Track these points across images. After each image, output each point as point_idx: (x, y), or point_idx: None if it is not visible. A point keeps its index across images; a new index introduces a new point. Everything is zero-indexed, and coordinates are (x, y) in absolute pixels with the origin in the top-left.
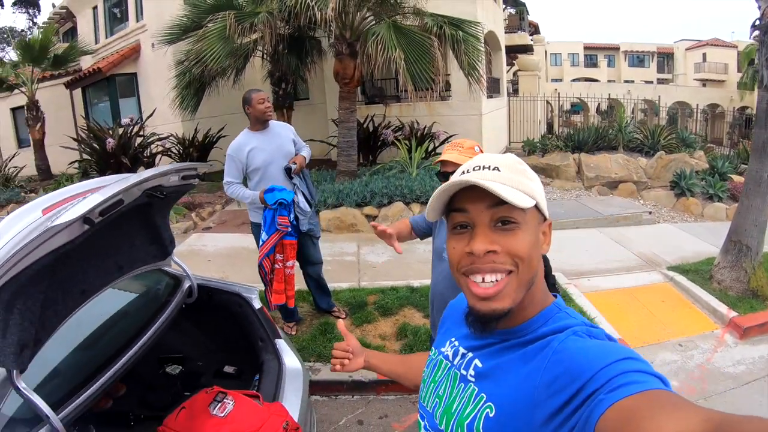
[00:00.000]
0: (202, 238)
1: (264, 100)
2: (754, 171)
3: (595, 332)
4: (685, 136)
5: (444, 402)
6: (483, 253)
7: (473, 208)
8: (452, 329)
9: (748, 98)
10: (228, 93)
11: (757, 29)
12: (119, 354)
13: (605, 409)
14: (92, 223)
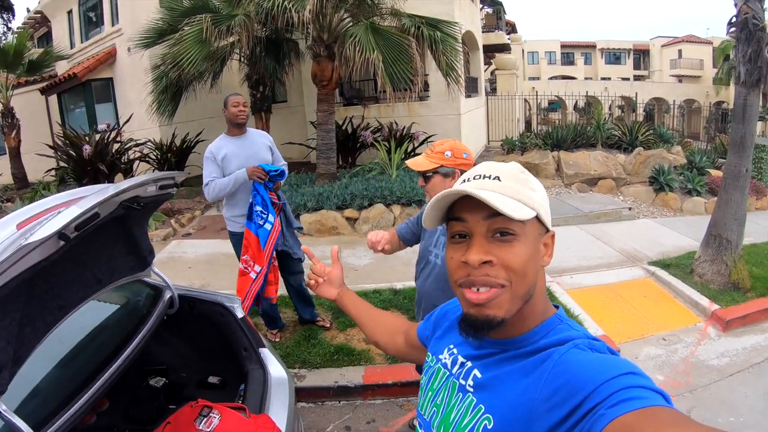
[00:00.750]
0: (182, 245)
1: (238, 103)
2: (733, 165)
3: (596, 345)
4: (663, 131)
5: (442, 411)
6: (477, 263)
7: (471, 218)
8: (450, 335)
9: (723, 93)
10: (205, 97)
11: (733, 26)
12: (102, 369)
13: (606, 424)
14: (68, 238)
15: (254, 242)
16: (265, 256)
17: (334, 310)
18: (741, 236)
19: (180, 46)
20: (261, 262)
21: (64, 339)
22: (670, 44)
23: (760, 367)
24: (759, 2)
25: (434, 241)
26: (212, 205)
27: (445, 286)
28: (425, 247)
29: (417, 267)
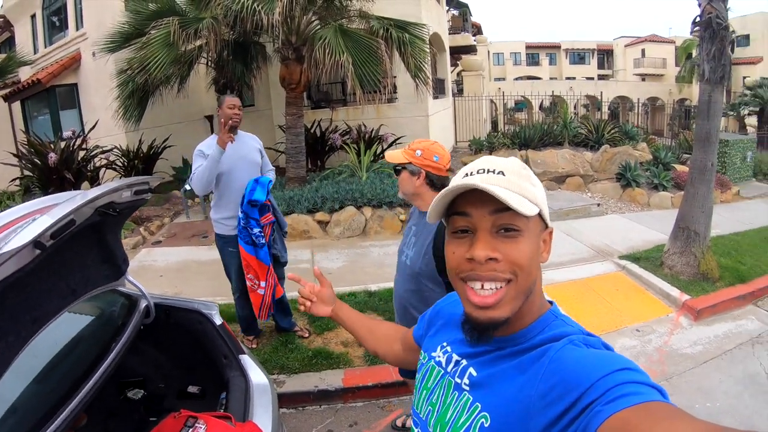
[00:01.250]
0: (152, 253)
1: (234, 106)
2: (699, 160)
3: (591, 341)
4: (628, 129)
5: (438, 410)
6: (484, 259)
7: (476, 213)
8: (443, 333)
9: (686, 91)
10: (172, 102)
11: (698, 25)
12: (80, 384)
13: (603, 420)
14: (44, 247)
15: (254, 262)
16: (268, 272)
17: (310, 315)
18: (708, 228)
19: (147, 49)
20: (264, 278)
21: (39, 353)
22: (634, 44)
23: (733, 354)
24: (722, 2)
25: (406, 241)
26: (181, 212)
27: (414, 287)
28: (401, 246)
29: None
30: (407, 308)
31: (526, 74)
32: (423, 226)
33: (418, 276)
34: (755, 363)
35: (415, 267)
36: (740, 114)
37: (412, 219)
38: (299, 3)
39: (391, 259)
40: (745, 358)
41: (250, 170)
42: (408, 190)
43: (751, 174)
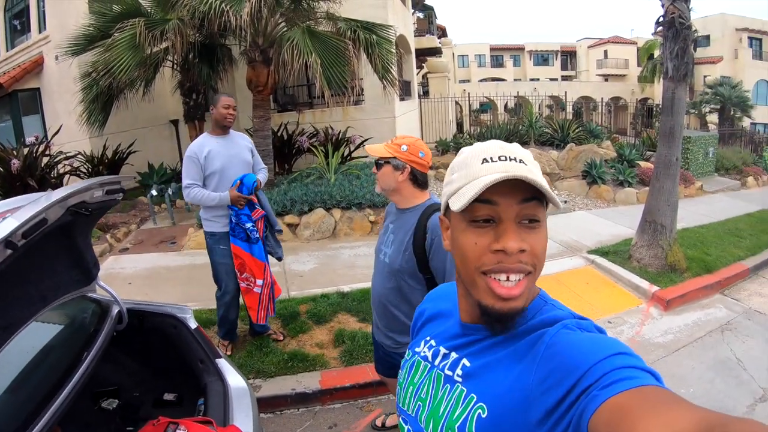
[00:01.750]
0: (120, 261)
1: (230, 106)
2: (663, 155)
3: (584, 324)
4: (593, 128)
5: (429, 405)
6: (517, 251)
7: (503, 202)
8: (426, 328)
9: (648, 90)
10: (137, 106)
11: (661, 25)
12: (52, 396)
13: (598, 405)
14: (15, 247)
15: (249, 259)
16: (265, 269)
17: (284, 318)
18: (674, 221)
19: (112, 52)
20: (260, 275)
21: (8, 364)
22: (597, 45)
23: (703, 341)
24: (685, 2)
25: (384, 240)
26: (148, 218)
27: (394, 284)
28: (378, 245)
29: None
30: (387, 306)
31: (491, 76)
32: (401, 223)
33: (398, 273)
34: (725, 349)
35: (395, 264)
36: (702, 112)
37: (389, 217)
38: (267, 3)
39: (362, 260)
40: (716, 344)
41: (242, 169)
42: (389, 185)
43: (713, 169)
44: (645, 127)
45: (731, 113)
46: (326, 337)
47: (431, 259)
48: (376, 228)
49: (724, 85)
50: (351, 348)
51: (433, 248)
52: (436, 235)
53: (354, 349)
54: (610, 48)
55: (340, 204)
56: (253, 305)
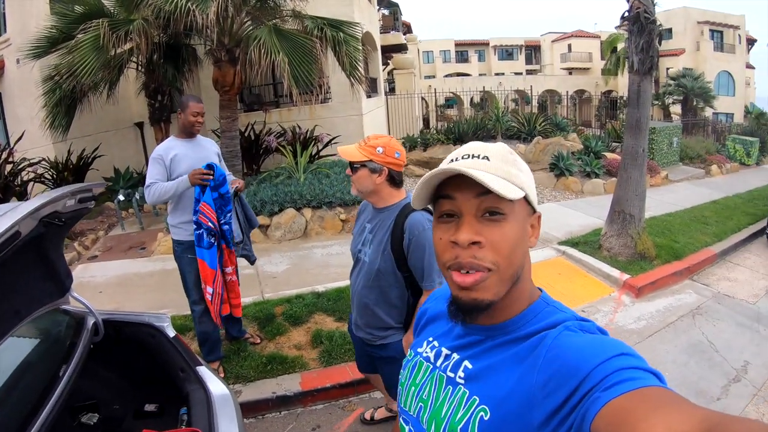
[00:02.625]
0: (89, 269)
1: (198, 113)
2: (630, 147)
3: (586, 326)
4: (558, 121)
5: (430, 406)
6: (467, 243)
7: (460, 196)
8: (428, 329)
9: (612, 83)
10: (101, 109)
11: (626, 20)
12: (33, 415)
13: (600, 407)
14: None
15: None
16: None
17: (260, 320)
18: (643, 210)
19: (75, 54)
20: (210, 283)
21: None
22: (560, 39)
23: (675, 326)
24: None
25: (362, 239)
26: (116, 224)
27: (374, 283)
28: (355, 245)
29: (352, 268)
30: (367, 305)
31: (456, 71)
32: (379, 222)
33: (379, 273)
34: (697, 332)
35: (375, 264)
36: (665, 103)
37: (364, 216)
38: (233, 2)
39: (335, 259)
40: (688, 328)
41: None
42: (366, 188)
43: (678, 159)
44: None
45: (694, 104)
46: (304, 338)
47: (409, 258)
48: (347, 226)
49: (686, 77)
50: (329, 348)
51: (411, 247)
52: (413, 234)
53: (332, 349)
54: (573, 42)
55: (311, 203)
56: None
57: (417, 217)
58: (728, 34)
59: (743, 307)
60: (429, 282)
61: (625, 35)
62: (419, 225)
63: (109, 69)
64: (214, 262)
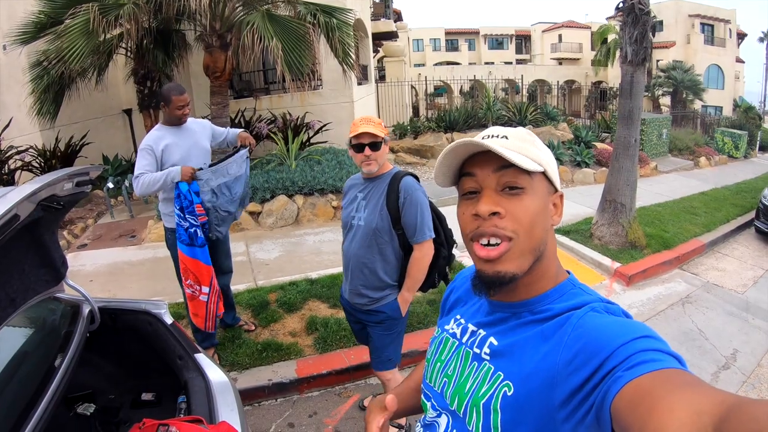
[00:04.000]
0: (79, 257)
1: (184, 105)
2: (622, 137)
3: (612, 308)
4: (549, 110)
5: (455, 381)
6: (487, 214)
7: (480, 172)
8: (456, 307)
9: (602, 74)
10: (89, 96)
11: (620, 11)
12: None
13: (622, 386)
14: None
15: (192, 264)
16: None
17: (254, 307)
18: (634, 200)
19: (64, 39)
20: (206, 282)
21: None
22: (551, 29)
23: (666, 314)
24: None
25: (356, 206)
26: (105, 212)
27: (370, 243)
28: (347, 214)
29: (343, 235)
30: (364, 264)
31: (446, 60)
32: (372, 189)
33: (375, 231)
34: (687, 321)
35: (372, 224)
36: (655, 95)
37: (354, 189)
38: None
39: (327, 246)
40: (679, 317)
41: (202, 158)
42: (384, 159)
43: (667, 150)
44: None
45: (683, 96)
46: (298, 325)
47: (403, 215)
48: (339, 213)
49: (677, 69)
50: (324, 335)
51: (405, 204)
52: (407, 194)
53: (327, 335)
54: (564, 32)
55: (303, 190)
56: (200, 312)
57: (409, 180)
58: (719, 27)
59: (732, 296)
60: (420, 235)
61: (615, 27)
62: (412, 186)
63: (98, 54)
64: (209, 259)
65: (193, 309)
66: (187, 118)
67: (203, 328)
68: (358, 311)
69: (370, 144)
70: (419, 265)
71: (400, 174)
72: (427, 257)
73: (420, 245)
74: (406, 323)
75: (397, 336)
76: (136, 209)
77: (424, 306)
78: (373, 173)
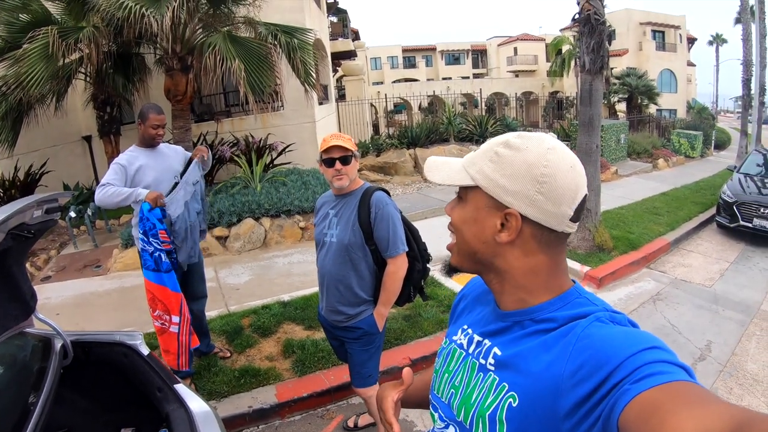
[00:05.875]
0: (44, 290)
1: (159, 126)
2: (584, 143)
3: (618, 318)
4: (509, 122)
5: (461, 392)
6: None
7: None
8: (464, 316)
9: (558, 84)
10: (48, 123)
11: (577, 22)
12: None
13: (630, 399)
14: None
15: (160, 291)
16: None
17: (228, 333)
18: (599, 204)
19: (23, 63)
20: (176, 311)
21: None
22: (506, 43)
23: (638, 312)
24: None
25: (328, 223)
26: (68, 242)
27: (344, 258)
28: (320, 231)
29: (317, 252)
30: (340, 280)
31: (404, 77)
32: (344, 205)
33: (347, 247)
34: (660, 317)
35: (344, 240)
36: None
37: (325, 206)
38: (186, 7)
39: (297, 268)
40: (651, 314)
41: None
42: (354, 174)
43: (626, 154)
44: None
45: (639, 101)
46: (275, 348)
47: (375, 230)
48: (307, 234)
49: (631, 76)
50: (302, 357)
51: (376, 219)
52: (378, 208)
53: (305, 358)
54: (519, 45)
55: (269, 212)
56: (171, 348)
57: (380, 195)
58: (669, 33)
59: (700, 290)
60: (393, 249)
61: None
62: (383, 201)
63: (57, 79)
64: (176, 285)
65: (163, 345)
66: (160, 140)
67: (176, 367)
68: (336, 328)
69: (341, 158)
70: (393, 279)
71: (371, 189)
72: (401, 271)
73: (393, 259)
74: (383, 338)
75: (376, 351)
76: (99, 238)
77: (401, 322)
78: (345, 188)
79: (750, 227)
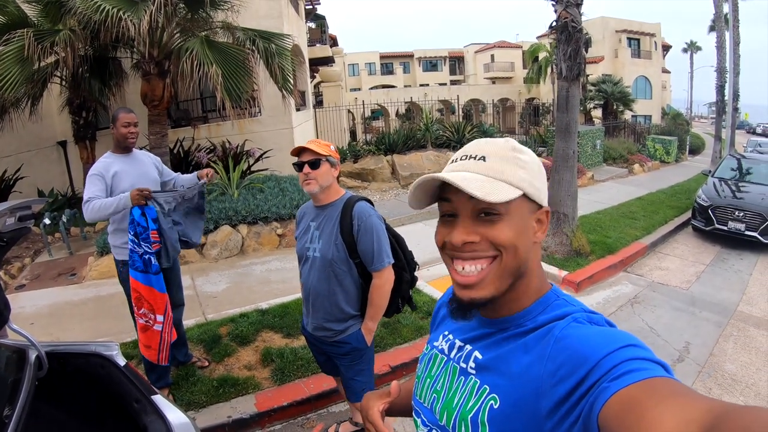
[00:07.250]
0: (18, 299)
1: (130, 123)
2: (561, 149)
3: (595, 318)
4: (486, 128)
5: (443, 397)
6: (460, 244)
7: (456, 199)
8: (444, 324)
9: (534, 90)
10: (22, 128)
11: (554, 30)
12: None
13: (609, 396)
14: None
15: (147, 291)
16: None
17: (205, 343)
18: (575, 209)
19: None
20: (161, 310)
21: None
22: (483, 50)
23: (617, 315)
24: (576, 8)
25: (310, 237)
26: (42, 250)
27: (328, 274)
28: (302, 246)
29: (300, 268)
30: (326, 296)
31: (382, 83)
32: (325, 217)
33: (331, 262)
34: (638, 320)
35: (328, 255)
36: (587, 108)
37: (306, 218)
38: (164, 11)
39: (275, 275)
40: (629, 317)
41: (151, 187)
42: (327, 182)
43: (602, 160)
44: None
45: (614, 108)
46: (253, 357)
47: (359, 243)
48: (284, 241)
49: (606, 83)
50: (281, 365)
51: (360, 232)
52: (361, 221)
53: (284, 366)
54: (496, 52)
55: (246, 219)
56: (153, 344)
57: (362, 206)
58: (645, 41)
59: (677, 293)
60: (379, 263)
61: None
62: (366, 212)
63: (32, 83)
64: (163, 287)
65: (145, 341)
66: (134, 142)
67: (156, 361)
68: (323, 344)
69: (310, 162)
70: (380, 293)
71: (353, 200)
72: (387, 284)
73: (379, 273)
74: (373, 351)
75: (366, 364)
76: (74, 246)
77: (380, 329)
78: (317, 195)
79: (725, 230)
